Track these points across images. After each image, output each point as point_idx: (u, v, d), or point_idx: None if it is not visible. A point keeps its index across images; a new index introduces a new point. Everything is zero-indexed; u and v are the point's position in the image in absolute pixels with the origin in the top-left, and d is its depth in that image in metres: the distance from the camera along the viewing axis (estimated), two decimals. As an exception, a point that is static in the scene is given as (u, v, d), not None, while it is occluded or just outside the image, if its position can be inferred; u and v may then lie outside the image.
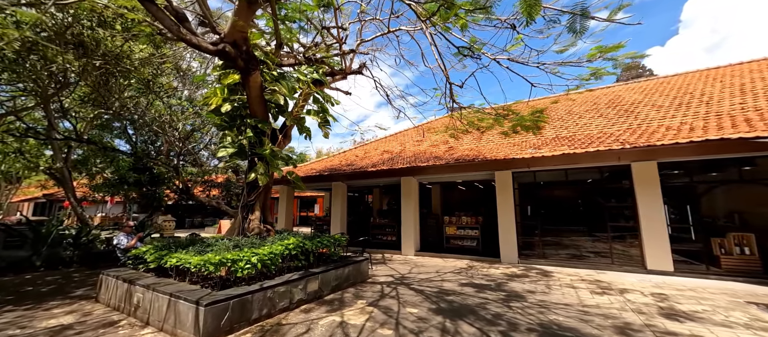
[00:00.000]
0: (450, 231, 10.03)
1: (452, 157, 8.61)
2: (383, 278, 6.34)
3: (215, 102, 5.77)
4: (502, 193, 8.25)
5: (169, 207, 23.62)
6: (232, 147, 5.65)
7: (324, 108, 6.68)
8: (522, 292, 5.17)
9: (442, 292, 5.23)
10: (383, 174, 9.61)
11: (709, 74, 10.44)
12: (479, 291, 5.26)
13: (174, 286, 3.94)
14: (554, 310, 4.25)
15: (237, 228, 5.39)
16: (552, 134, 8.61)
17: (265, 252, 4.29)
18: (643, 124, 7.63)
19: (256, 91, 5.76)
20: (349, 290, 5.38)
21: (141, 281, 4.18)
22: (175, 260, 4.25)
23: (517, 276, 6.36)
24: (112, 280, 4.63)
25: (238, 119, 6.07)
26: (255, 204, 5.74)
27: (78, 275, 6.82)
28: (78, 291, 5.52)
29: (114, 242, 6.04)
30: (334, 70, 8.17)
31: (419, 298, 4.88)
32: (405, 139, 13.65)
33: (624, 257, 7.00)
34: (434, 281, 6.10)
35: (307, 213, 28.70)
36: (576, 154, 6.57)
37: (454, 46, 4.49)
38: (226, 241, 4.83)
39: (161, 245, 5.09)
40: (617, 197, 7.37)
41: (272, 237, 5.44)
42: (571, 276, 6.31)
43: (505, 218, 8.10)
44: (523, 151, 7.68)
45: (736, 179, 6.73)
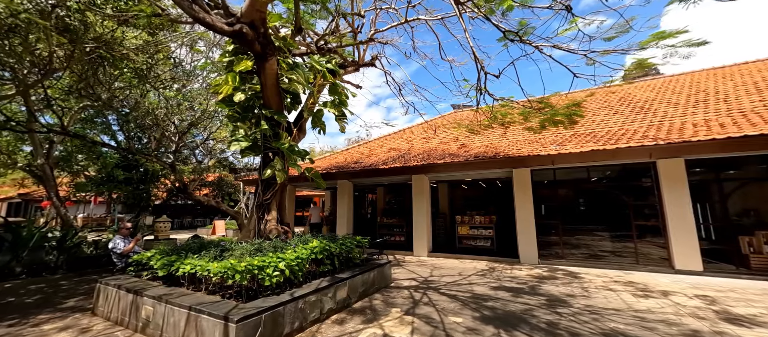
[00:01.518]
0: (462, 231, 9.72)
1: (470, 154, 8.29)
2: (406, 282, 5.94)
3: (226, 90, 5.22)
4: (520, 191, 7.98)
5: (156, 207, 22.60)
6: (245, 140, 5.13)
7: (342, 100, 6.21)
8: (561, 296, 4.87)
9: (476, 297, 4.87)
10: (396, 172, 9.20)
11: (716, 73, 10.49)
12: (515, 295, 4.93)
13: (190, 297, 3.43)
14: (607, 316, 3.95)
15: (252, 230, 4.88)
16: (570, 131, 8.40)
17: (291, 257, 3.82)
18: (665, 121, 7.50)
19: (271, 79, 5.26)
20: (376, 297, 4.95)
21: (150, 292, 3.64)
22: (189, 267, 3.73)
23: (545, 278, 6.07)
24: (113, 290, 4.06)
25: (251, 110, 5.54)
26: (271, 203, 5.23)
27: (66, 283, 6.14)
28: (69, 302, 4.89)
29: (109, 246, 5.42)
30: (347, 61, 7.72)
31: (456, 304, 4.51)
32: (411, 137, 13.29)
33: (649, 256, 6.83)
34: (461, 284, 5.75)
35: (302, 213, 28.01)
36: (604, 151, 6.34)
37: (500, 31, 4.13)
38: (245, 244, 4.32)
39: (169, 249, 4.54)
40: (640, 194, 7.20)
41: (291, 239, 4.96)
42: (601, 277, 6.07)
43: (524, 217, 7.83)
44: (544, 147, 7.42)
45: (765, 177, 6.63)
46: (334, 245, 4.77)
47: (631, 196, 7.27)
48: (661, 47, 4.03)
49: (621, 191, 7.41)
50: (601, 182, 7.83)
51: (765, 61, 10.25)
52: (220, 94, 5.24)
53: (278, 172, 4.99)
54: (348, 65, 7.69)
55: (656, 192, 6.80)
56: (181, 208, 26.84)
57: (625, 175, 7.43)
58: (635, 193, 7.26)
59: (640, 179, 7.25)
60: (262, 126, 5.14)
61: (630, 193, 7.31)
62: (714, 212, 7.21)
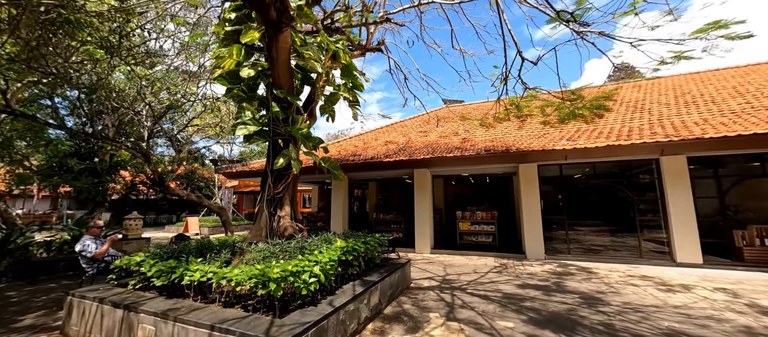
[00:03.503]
0: (464, 227, 9.54)
1: (478, 148, 8.05)
2: (425, 282, 5.56)
3: (229, 64, 4.45)
4: (526, 186, 7.90)
5: (113, 203, 20.32)
6: (253, 124, 4.40)
7: (356, 84, 5.63)
8: (591, 293, 4.75)
9: (509, 297, 4.61)
10: (399, 165, 8.76)
11: (694, 77, 11.21)
12: (547, 294, 4.73)
13: (205, 312, 2.76)
14: (652, 314, 3.84)
15: (264, 228, 4.20)
16: (573, 127, 8.47)
17: (325, 260, 3.26)
18: (663, 120, 7.76)
19: (284, 54, 4.56)
20: (403, 300, 4.51)
21: (147, 306, 2.90)
22: (199, 274, 3.03)
23: (562, 274, 5.99)
24: (92, 304, 3.23)
25: (256, 90, 4.80)
26: (283, 197, 4.56)
27: (15, 294, 5.01)
28: (25, 319, 3.91)
29: (77, 248, 4.44)
30: (353, 44, 7.12)
31: (494, 306, 4.20)
32: (406, 130, 12.90)
33: (651, 250, 7.03)
34: (483, 282, 5.48)
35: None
36: (618, 146, 6.36)
37: (553, 9, 3.81)
38: (262, 245, 3.66)
39: (164, 253, 3.75)
40: (643, 190, 7.40)
41: (308, 239, 4.35)
42: (614, 272, 6.11)
43: (531, 213, 7.77)
44: (552, 142, 7.36)
45: (759, 174, 7.03)
46: (360, 244, 4.24)
47: (633, 191, 7.45)
48: (706, 39, 3.96)
49: (624, 186, 7.58)
50: (604, 178, 7.97)
51: (736, 68, 11.11)
52: (222, 68, 4.45)
53: (294, 161, 4.35)
54: (354, 49, 7.09)
55: (659, 188, 7.00)
56: (142, 203, 24.37)
57: (628, 171, 7.61)
58: (638, 189, 7.45)
59: (642, 175, 7.44)
60: (274, 108, 4.44)
61: (633, 189, 7.49)
62: (700, 208, 7.60)
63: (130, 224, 7.63)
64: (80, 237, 6.85)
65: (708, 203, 7.38)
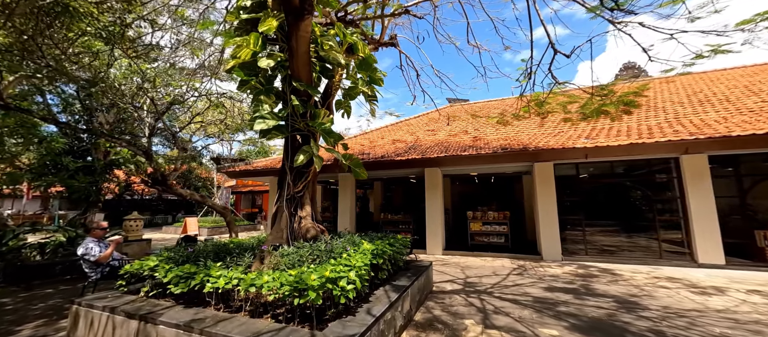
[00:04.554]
0: (475, 227, 9.33)
1: (494, 146, 7.85)
2: (447, 286, 5.33)
3: (245, 55, 4.16)
4: (542, 185, 7.72)
5: (107, 203, 19.75)
6: (271, 118, 4.11)
7: (375, 78, 5.36)
8: (625, 296, 4.56)
9: (541, 301, 4.39)
10: (410, 164, 8.53)
11: (702, 77, 11.18)
12: (579, 298, 4.53)
13: (235, 324, 2.48)
14: (698, 319, 3.65)
15: (284, 229, 3.92)
16: (588, 126, 8.32)
17: (360, 264, 3.00)
18: (680, 118, 7.65)
19: (304, 44, 4.28)
20: (430, 305, 4.27)
21: (166, 317, 2.61)
22: (223, 281, 2.74)
23: (586, 276, 5.81)
24: (102, 314, 2.92)
25: (273, 82, 4.52)
26: (304, 197, 4.29)
27: (9, 301, 4.64)
28: (24, 329, 3.57)
29: (79, 252, 4.11)
30: (366, 37, 6.86)
31: (529, 312, 3.97)
32: (413, 129, 12.66)
33: (671, 251, 6.90)
34: (508, 285, 5.26)
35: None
36: (637, 145, 6.21)
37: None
38: (287, 248, 3.38)
39: (179, 256, 3.45)
40: (662, 190, 7.27)
41: (330, 240, 4.08)
42: (638, 274, 5.95)
43: (547, 213, 7.60)
44: (571, 140, 7.19)
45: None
46: (386, 246, 3.99)
47: (651, 191, 7.32)
48: (751, 31, 3.79)
49: (642, 186, 7.45)
50: (620, 177, 7.83)
51: (743, 68, 11.11)
52: (238, 57, 4.16)
53: (316, 158, 4.07)
54: (368, 42, 6.84)
55: (679, 187, 6.87)
56: (137, 204, 23.75)
57: (646, 170, 7.46)
58: (656, 188, 7.32)
59: (661, 174, 7.31)
60: (293, 101, 4.16)
61: (650, 188, 7.36)
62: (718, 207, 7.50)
63: (130, 225, 7.26)
64: (78, 239, 6.46)
65: (726, 202, 7.29)
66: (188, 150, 10.59)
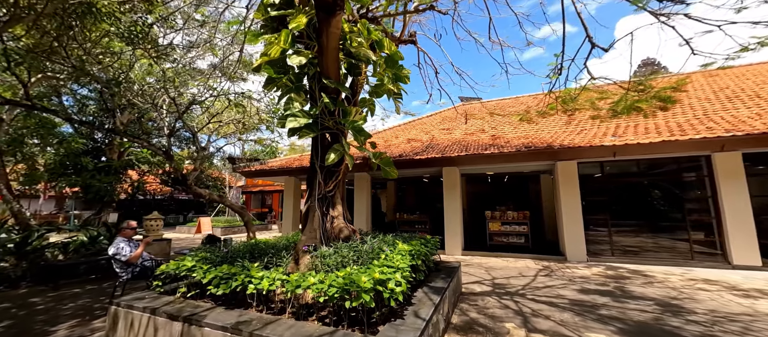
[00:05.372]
0: (493, 227, 9.19)
1: (516, 145, 7.70)
2: (476, 287, 5.21)
3: (275, 52, 4.10)
4: (566, 184, 7.55)
5: (120, 203, 20.01)
6: (302, 116, 4.04)
7: (400, 75, 5.27)
8: (665, 299, 4.39)
9: (579, 304, 4.25)
10: (429, 163, 8.42)
11: (727, 73, 10.86)
12: (618, 301, 4.38)
13: (283, 327, 2.41)
14: (752, 324, 3.49)
15: (317, 229, 3.84)
16: (613, 123, 8.11)
17: (405, 266, 2.90)
18: (710, 115, 7.41)
19: (334, 41, 4.20)
20: (465, 307, 4.16)
21: (210, 318, 2.55)
22: (267, 282, 2.67)
23: (617, 278, 5.64)
24: (143, 315, 2.87)
25: (302, 79, 4.45)
26: (335, 196, 4.21)
27: (39, 301, 4.64)
28: (59, 330, 3.55)
29: (110, 252, 4.08)
30: (387, 34, 6.77)
31: (569, 315, 3.84)
32: (427, 127, 12.54)
33: (703, 252, 6.68)
34: (539, 287, 5.12)
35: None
36: (669, 142, 6.01)
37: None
38: (326, 249, 3.30)
39: (215, 257, 3.39)
40: (692, 188, 7.05)
41: (360, 241, 4.00)
42: (671, 275, 5.76)
43: (571, 213, 7.42)
44: (598, 138, 7.01)
45: None
46: (421, 247, 3.89)
47: (681, 190, 7.10)
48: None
49: (671, 185, 7.23)
50: (648, 176, 7.61)
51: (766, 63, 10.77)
52: (269, 55, 4.10)
53: (348, 156, 4.00)
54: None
55: (711, 186, 6.65)
56: (149, 204, 24.01)
57: (675, 169, 7.24)
58: (686, 187, 7.10)
59: (690, 173, 7.09)
60: (324, 99, 4.08)
61: (680, 187, 7.14)
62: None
63: (150, 225, 7.27)
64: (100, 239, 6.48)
65: (756, 201, 7.03)
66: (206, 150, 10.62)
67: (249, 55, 8.21)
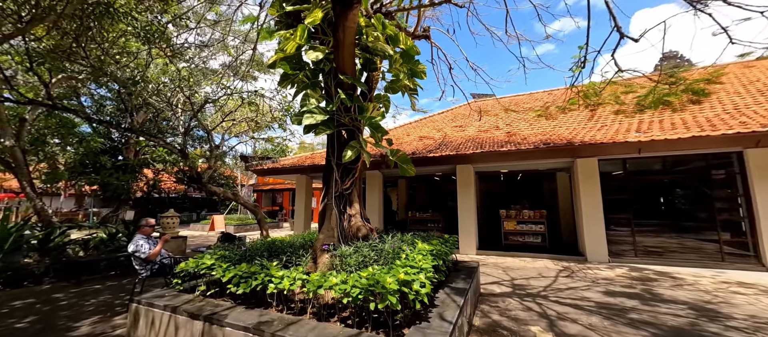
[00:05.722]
0: (509, 226, 8.99)
1: (530, 142, 7.48)
2: (495, 288, 5.07)
3: (291, 48, 4.03)
4: (586, 183, 7.29)
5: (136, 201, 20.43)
6: (319, 113, 3.97)
7: (416, 70, 5.14)
8: (698, 303, 4.17)
9: (604, 307, 4.07)
10: (443, 161, 8.27)
11: (754, 65, 10.32)
12: (647, 304, 4.17)
13: (306, 328, 2.34)
14: (798, 331, 3.25)
15: (335, 227, 3.78)
16: (635, 119, 7.78)
17: (427, 267, 2.80)
18: (741, 109, 7.03)
19: (350, 36, 4.10)
20: (486, 309, 4.03)
21: (231, 318, 2.50)
22: (288, 282, 2.61)
23: (645, 280, 5.40)
24: (164, 313, 2.86)
25: (318, 75, 4.38)
26: (352, 194, 4.14)
27: (62, 297, 4.73)
28: (82, 326, 3.59)
29: (130, 249, 4.11)
30: (401, 29, 6.65)
31: (597, 318, 3.67)
32: (438, 125, 12.36)
33: (733, 253, 6.36)
34: (561, 289, 4.94)
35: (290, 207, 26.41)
36: (700, 137, 5.71)
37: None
38: (346, 248, 3.23)
39: (233, 255, 3.36)
40: (720, 187, 6.71)
41: (378, 240, 3.91)
42: (700, 278, 5.49)
43: (591, 212, 7.17)
44: (622, 134, 6.73)
45: None
46: (442, 246, 3.78)
47: (709, 188, 6.77)
48: None
49: (698, 182, 6.90)
50: (674, 173, 7.27)
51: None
52: (284, 51, 4.04)
53: (365, 153, 3.91)
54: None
55: (743, 184, 6.31)
56: (163, 202, 24.52)
57: (703, 166, 6.89)
58: (715, 185, 6.76)
59: (719, 170, 6.75)
60: (340, 95, 4.00)
61: (708, 185, 6.80)
62: None
63: (167, 222, 7.36)
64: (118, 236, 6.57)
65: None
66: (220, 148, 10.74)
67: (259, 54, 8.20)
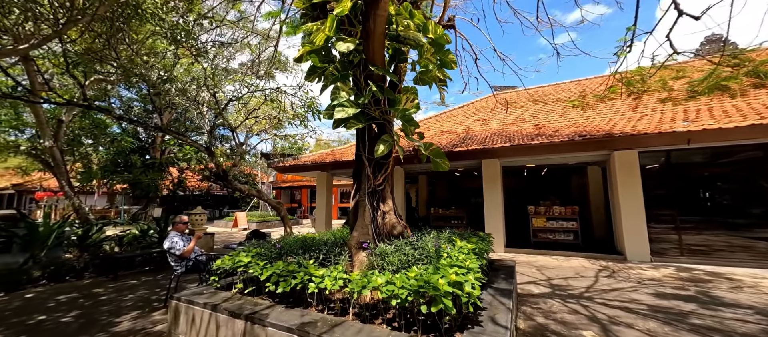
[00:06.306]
0: (538, 223, 8.63)
1: (563, 134, 7.09)
2: (533, 288, 4.82)
3: (319, 39, 3.91)
4: (625, 177, 6.84)
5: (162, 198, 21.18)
6: (350, 106, 3.84)
7: (446, 61, 4.92)
8: (766, 307, 3.77)
9: (659, 310, 3.75)
10: (469, 155, 8.01)
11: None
12: (707, 308, 3.82)
13: (353, 330, 2.22)
14: None
15: (369, 224, 3.66)
16: (676, 108, 7.23)
17: (475, 267, 2.62)
18: (804, 95, 6.37)
19: (381, 25, 3.94)
20: (528, 311, 3.81)
21: (273, 318, 2.42)
22: (330, 282, 2.51)
23: (697, 281, 4.99)
24: (204, 312, 2.82)
25: (348, 67, 4.25)
26: (385, 190, 4.00)
27: (102, 291, 4.87)
28: (123, 321, 3.64)
29: (166, 245, 4.15)
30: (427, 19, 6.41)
31: (655, 323, 3.38)
32: (460, 119, 12.04)
33: (797, 252, 5.79)
34: (605, 290, 4.63)
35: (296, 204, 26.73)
36: (761, 126, 5.18)
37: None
38: (385, 246, 3.10)
39: (268, 253, 3.30)
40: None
41: (415, 237, 3.75)
42: (761, 279, 5.02)
43: (631, 208, 6.73)
44: (668, 124, 6.25)
45: None
46: (482, 244, 3.58)
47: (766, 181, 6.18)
48: None
49: (754, 175, 6.31)
50: (723, 166, 6.70)
51: None
52: (313, 43, 3.93)
53: (399, 148, 3.76)
54: (427, 26, 6.38)
55: (809, 177, 5.72)
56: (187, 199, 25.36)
57: (762, 157, 6.29)
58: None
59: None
60: (371, 87, 3.85)
61: (766, 177, 6.21)
62: None
63: (195, 219, 7.50)
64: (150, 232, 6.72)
65: None
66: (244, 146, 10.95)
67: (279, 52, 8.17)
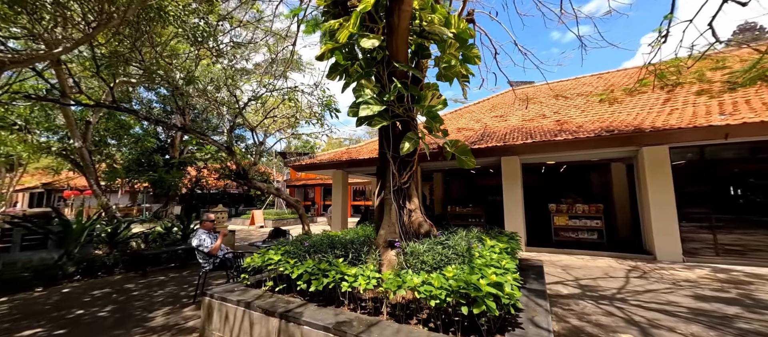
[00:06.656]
0: (560, 222, 8.41)
1: (588, 130, 6.85)
2: (561, 289, 4.68)
3: (343, 36, 3.88)
4: (655, 173, 6.56)
5: (181, 197, 21.80)
6: (375, 103, 3.80)
7: (469, 56, 4.81)
8: (821, 312, 3.53)
9: (701, 313, 3.57)
10: (489, 152, 7.86)
11: None
12: (754, 311, 3.61)
13: (390, 330, 2.19)
14: None
15: (396, 223, 3.63)
16: (710, 101, 6.87)
17: (512, 267, 2.55)
18: None
19: (406, 20, 3.88)
20: (559, 312, 3.70)
21: (307, 316, 2.42)
22: (364, 281, 2.48)
23: (736, 283, 4.73)
24: (237, 309, 2.85)
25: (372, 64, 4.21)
26: (410, 188, 3.96)
27: (133, 287, 5.02)
28: (156, 316, 3.74)
29: (193, 243, 4.23)
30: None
31: (697, 327, 3.21)
32: (477, 115, 11.84)
33: None
34: (638, 291, 4.45)
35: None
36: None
37: None
38: (417, 245, 3.06)
39: (297, 250, 3.31)
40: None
41: (445, 236, 3.69)
42: (809, 282, 4.71)
43: (662, 206, 6.45)
44: (705, 118, 5.94)
45: None
46: (511, 243, 3.49)
47: (812, 178, 5.81)
48: None
49: (798, 172, 5.94)
50: (762, 162, 6.33)
51: None
52: (337, 40, 3.90)
53: (425, 145, 3.70)
54: (446, 21, 6.26)
55: None
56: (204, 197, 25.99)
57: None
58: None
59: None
60: (396, 84, 3.80)
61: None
62: None
63: (217, 217, 7.64)
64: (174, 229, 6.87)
65: None
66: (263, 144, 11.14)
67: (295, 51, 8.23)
